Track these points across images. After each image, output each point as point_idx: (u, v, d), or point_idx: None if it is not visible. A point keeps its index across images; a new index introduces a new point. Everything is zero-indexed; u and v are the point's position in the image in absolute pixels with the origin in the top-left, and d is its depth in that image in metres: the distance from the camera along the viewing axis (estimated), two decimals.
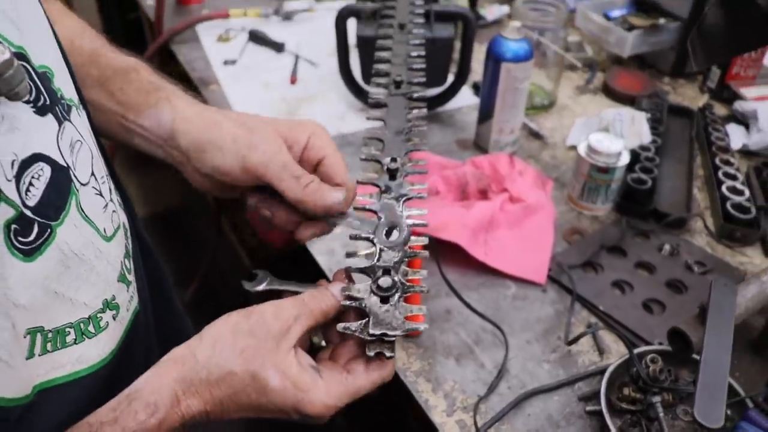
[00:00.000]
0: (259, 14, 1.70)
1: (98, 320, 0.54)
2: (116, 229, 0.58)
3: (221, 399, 0.52)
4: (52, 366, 0.50)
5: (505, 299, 0.97)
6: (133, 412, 0.50)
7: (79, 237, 0.50)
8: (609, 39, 1.53)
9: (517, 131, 1.25)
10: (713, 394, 0.57)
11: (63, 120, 0.50)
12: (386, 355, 0.56)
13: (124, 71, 0.68)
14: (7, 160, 0.43)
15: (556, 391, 0.85)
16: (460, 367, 0.87)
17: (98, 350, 0.55)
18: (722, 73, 1.47)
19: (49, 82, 0.50)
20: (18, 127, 0.45)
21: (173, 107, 0.67)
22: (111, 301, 0.56)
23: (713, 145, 1.26)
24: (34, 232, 0.46)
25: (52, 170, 0.48)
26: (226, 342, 0.53)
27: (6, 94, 0.43)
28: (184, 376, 0.52)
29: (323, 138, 0.68)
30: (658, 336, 0.89)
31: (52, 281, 0.48)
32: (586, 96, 1.50)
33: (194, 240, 2.66)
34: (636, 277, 1.01)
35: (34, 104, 0.47)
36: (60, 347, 0.50)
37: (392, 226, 0.64)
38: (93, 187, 0.54)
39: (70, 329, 0.51)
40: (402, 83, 0.87)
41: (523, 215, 1.07)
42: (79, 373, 0.53)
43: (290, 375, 0.52)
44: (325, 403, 0.53)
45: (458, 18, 1.28)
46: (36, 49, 0.49)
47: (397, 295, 0.58)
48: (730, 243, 1.09)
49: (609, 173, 1.08)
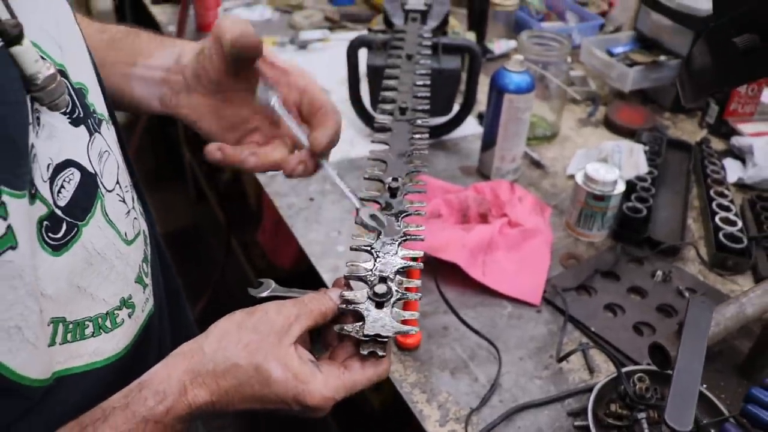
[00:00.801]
0: (275, 43, 1.77)
1: (115, 317, 0.59)
2: (137, 235, 0.63)
3: (226, 390, 0.56)
4: (70, 355, 0.55)
5: (500, 318, 1.01)
6: (143, 398, 0.54)
7: (102, 238, 0.55)
8: (611, 74, 1.58)
9: (518, 159, 1.30)
10: (684, 401, 0.61)
11: (94, 132, 0.56)
12: (379, 354, 0.60)
13: (134, 32, 0.74)
14: (44, 163, 0.49)
15: (546, 406, 0.88)
16: (455, 380, 0.91)
17: (113, 345, 0.59)
18: (720, 109, 1.51)
19: (83, 98, 0.56)
20: (55, 135, 0.50)
21: (181, 46, 0.71)
22: (128, 299, 0.61)
23: (709, 177, 1.30)
24: (62, 229, 0.51)
25: (81, 175, 0.53)
26: (231, 337, 0.57)
27: (48, 104, 0.49)
28: (192, 368, 0.56)
29: (313, 86, 0.71)
30: (647, 357, 0.92)
31: (76, 276, 0.53)
32: (587, 128, 1.55)
33: (204, 259, 2.71)
34: (628, 301, 1.05)
35: (69, 116, 0.52)
36: (79, 339, 0.55)
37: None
38: (117, 194, 0.60)
39: (89, 323, 0.56)
40: (407, 110, 0.92)
41: (521, 239, 1.11)
42: (95, 364, 0.57)
43: (291, 367, 0.56)
44: (324, 394, 0.57)
45: (465, 51, 1.34)
46: (74, 67, 0.55)
47: (392, 301, 0.62)
48: (722, 271, 1.12)
49: (604, 201, 1.13)
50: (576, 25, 1.89)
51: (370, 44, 1.31)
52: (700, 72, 0.81)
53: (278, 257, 2.28)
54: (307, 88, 0.70)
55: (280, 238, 2.21)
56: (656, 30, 1.61)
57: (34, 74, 0.47)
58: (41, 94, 0.48)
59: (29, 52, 0.46)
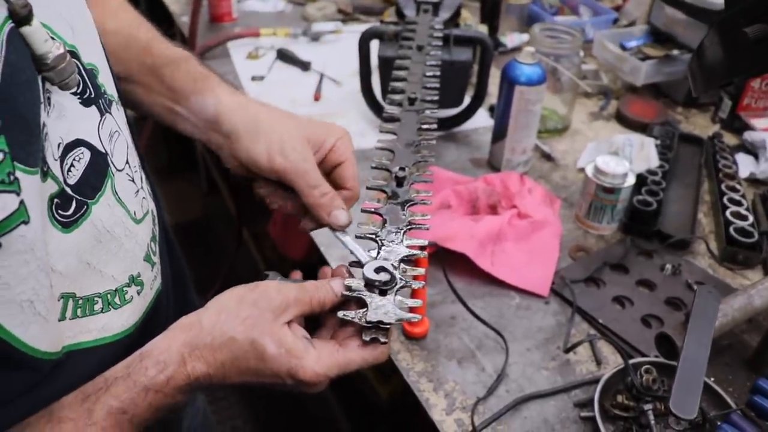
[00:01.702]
0: (288, 34, 1.78)
1: (124, 293, 0.60)
2: (145, 214, 0.64)
3: (223, 362, 0.57)
4: (80, 330, 0.56)
5: (508, 308, 1.01)
6: (144, 368, 0.55)
7: (111, 216, 0.56)
8: (624, 68, 1.57)
9: (529, 152, 1.30)
10: (689, 389, 0.61)
11: (105, 112, 0.57)
12: (381, 340, 0.60)
13: (175, 61, 0.75)
14: (55, 142, 0.50)
15: (552, 396, 0.89)
16: (462, 370, 0.91)
17: (122, 321, 0.60)
18: (733, 104, 1.50)
19: (95, 78, 0.57)
20: (65, 115, 0.51)
21: (216, 96, 0.73)
22: (136, 277, 0.62)
23: (720, 172, 1.30)
24: (72, 207, 0.52)
25: (91, 155, 0.54)
26: (230, 311, 0.58)
27: (58, 83, 0.50)
28: (190, 340, 0.57)
29: (346, 144, 0.75)
30: (654, 349, 0.92)
31: (85, 253, 0.54)
32: (599, 122, 1.55)
33: (215, 250, 2.73)
34: (636, 294, 1.04)
35: (80, 96, 0.53)
36: (88, 314, 0.56)
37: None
38: (127, 174, 0.61)
39: (98, 299, 0.57)
40: (416, 100, 0.92)
41: (530, 230, 1.11)
42: (104, 339, 0.58)
43: (285, 343, 0.57)
44: (316, 370, 0.57)
45: (476, 42, 1.34)
46: (85, 48, 0.56)
47: (395, 289, 0.62)
48: (732, 266, 1.12)
49: (614, 194, 1.12)
50: (589, 19, 1.88)
51: (381, 35, 1.32)
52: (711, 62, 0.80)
53: (289, 249, 2.29)
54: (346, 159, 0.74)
55: (290, 231, 2.21)
56: (670, 24, 1.60)
57: (44, 54, 0.48)
58: (51, 74, 0.49)
59: (39, 32, 0.47)
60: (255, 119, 0.72)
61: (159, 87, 0.75)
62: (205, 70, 0.76)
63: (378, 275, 0.61)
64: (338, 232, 0.72)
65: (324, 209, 0.70)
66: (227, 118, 0.72)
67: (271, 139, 0.71)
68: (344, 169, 0.73)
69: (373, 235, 0.68)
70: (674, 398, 0.60)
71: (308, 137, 0.72)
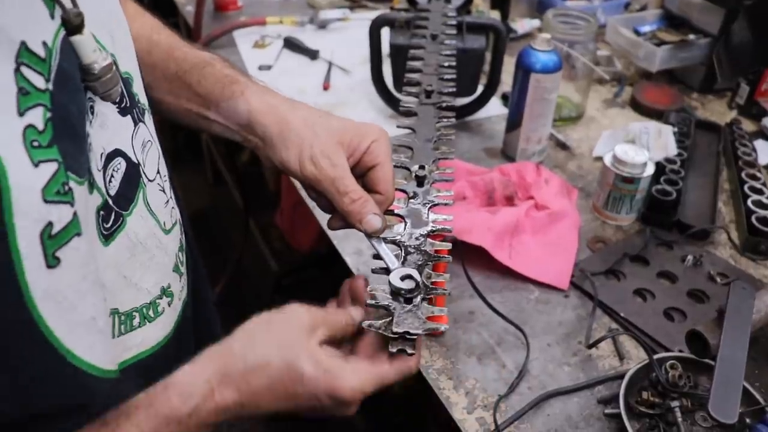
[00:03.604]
0: (294, 22, 1.74)
1: (157, 306, 0.58)
2: (174, 224, 0.62)
3: (257, 389, 0.55)
4: (123, 348, 0.54)
5: (528, 302, 0.99)
6: (167, 398, 0.53)
7: (144, 227, 0.55)
8: (638, 54, 1.54)
9: (544, 141, 1.28)
10: (728, 392, 0.59)
11: (138, 121, 0.55)
12: (408, 352, 0.58)
13: (200, 65, 0.73)
14: (98, 152, 0.48)
15: (575, 393, 0.87)
16: (482, 367, 0.90)
17: (156, 334, 0.58)
18: (751, 90, 1.47)
19: (130, 87, 0.55)
20: (107, 124, 0.50)
21: (246, 100, 0.71)
22: (167, 288, 0.60)
23: (740, 159, 1.27)
24: (111, 219, 0.50)
25: (127, 165, 0.52)
26: (262, 334, 0.56)
27: (101, 94, 0.48)
28: (220, 368, 0.55)
29: (382, 146, 0.71)
30: (678, 343, 0.90)
31: (122, 266, 0.52)
32: (614, 109, 1.52)
33: (222, 241, 2.71)
34: (658, 286, 1.02)
35: (118, 105, 0.52)
36: (129, 330, 0.54)
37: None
38: (158, 184, 0.59)
39: (136, 313, 0.55)
40: (432, 93, 0.90)
41: (548, 222, 1.09)
42: (142, 354, 0.56)
43: (322, 362, 0.55)
44: (354, 387, 0.56)
45: (490, 30, 1.31)
46: (122, 56, 0.54)
47: (420, 297, 0.60)
48: (754, 256, 1.10)
49: (633, 183, 1.10)
50: (600, 4, 1.85)
51: (392, 23, 1.29)
52: (739, 49, 0.78)
53: (296, 240, 2.27)
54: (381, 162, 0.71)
55: (298, 221, 2.20)
56: (685, 8, 1.56)
57: (90, 64, 0.46)
58: (96, 84, 0.48)
59: (89, 42, 0.46)
60: (286, 124, 0.70)
61: (187, 93, 0.73)
62: (232, 72, 0.74)
63: (403, 283, 0.60)
64: (373, 237, 0.69)
65: (354, 216, 0.67)
66: (259, 122, 0.70)
67: (301, 145, 0.68)
68: (377, 172, 0.71)
69: (395, 240, 0.66)
70: (713, 401, 0.58)
71: (341, 140, 0.70)
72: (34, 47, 0.40)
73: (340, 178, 0.68)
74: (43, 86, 0.41)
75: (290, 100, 0.73)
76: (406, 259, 0.65)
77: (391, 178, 0.71)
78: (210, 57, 0.75)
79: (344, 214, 0.68)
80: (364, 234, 0.69)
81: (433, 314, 0.60)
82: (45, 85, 0.41)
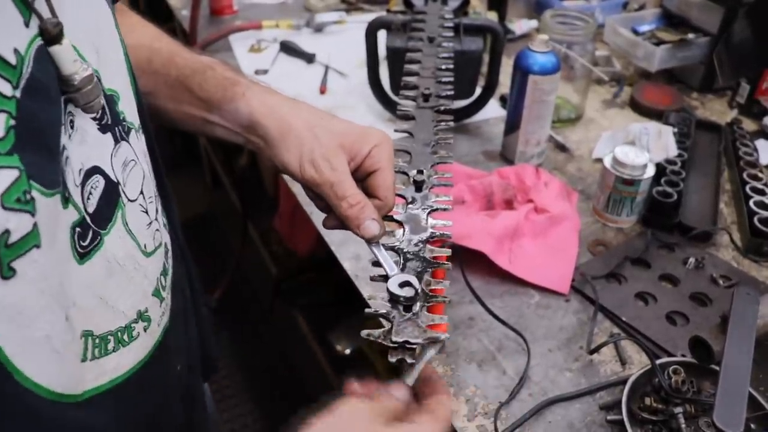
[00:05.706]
0: (290, 26, 1.73)
1: (131, 330, 0.56)
2: (157, 247, 0.61)
3: None
4: (100, 372, 0.52)
5: (528, 307, 0.98)
6: None
7: (122, 248, 0.53)
8: (637, 53, 1.53)
9: (543, 143, 1.26)
10: (733, 401, 0.58)
11: (120, 140, 0.54)
12: (408, 361, 0.57)
13: (201, 70, 0.73)
14: (77, 168, 0.47)
15: (577, 399, 0.86)
16: (482, 373, 0.88)
17: (130, 359, 0.57)
18: (752, 89, 1.46)
19: (114, 105, 0.54)
20: (86, 140, 0.48)
21: (247, 102, 0.70)
22: (143, 312, 0.58)
23: (741, 159, 1.26)
24: (89, 237, 0.49)
25: (105, 183, 0.51)
26: None
27: (83, 106, 0.47)
28: None
29: (384, 151, 0.70)
30: (681, 348, 0.89)
31: (98, 286, 0.51)
32: (613, 110, 1.51)
33: (220, 245, 2.70)
34: (660, 289, 1.01)
35: (99, 122, 0.50)
36: (103, 354, 0.52)
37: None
38: (140, 205, 0.57)
39: (111, 337, 0.53)
40: (430, 96, 0.89)
41: (547, 225, 1.08)
42: (115, 381, 0.55)
43: None
44: None
45: (487, 31, 1.30)
46: (107, 73, 0.53)
47: (419, 304, 0.59)
48: (757, 257, 1.08)
49: (634, 185, 1.09)
50: (598, 3, 1.84)
51: (389, 25, 1.28)
52: (741, 48, 0.77)
53: (295, 244, 2.26)
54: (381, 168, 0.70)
55: (297, 225, 2.19)
56: (684, 7, 1.55)
57: (70, 75, 0.45)
58: (77, 95, 0.46)
59: (68, 52, 0.44)
60: (287, 126, 0.69)
61: (188, 98, 0.72)
62: (233, 75, 0.73)
63: (402, 290, 0.58)
64: (372, 243, 0.68)
65: (352, 221, 0.66)
66: (260, 123, 0.70)
67: (302, 148, 0.68)
68: (377, 177, 0.69)
69: (394, 246, 0.65)
70: (718, 411, 0.57)
71: (343, 143, 0.68)
72: (4, 53, 0.39)
73: (340, 182, 0.67)
74: (9, 93, 0.39)
75: (293, 101, 0.73)
76: (405, 266, 0.64)
77: (391, 184, 0.70)
78: (211, 61, 0.75)
79: (342, 219, 0.67)
80: (364, 239, 0.68)
81: (433, 322, 0.58)
82: (12, 92, 0.40)
